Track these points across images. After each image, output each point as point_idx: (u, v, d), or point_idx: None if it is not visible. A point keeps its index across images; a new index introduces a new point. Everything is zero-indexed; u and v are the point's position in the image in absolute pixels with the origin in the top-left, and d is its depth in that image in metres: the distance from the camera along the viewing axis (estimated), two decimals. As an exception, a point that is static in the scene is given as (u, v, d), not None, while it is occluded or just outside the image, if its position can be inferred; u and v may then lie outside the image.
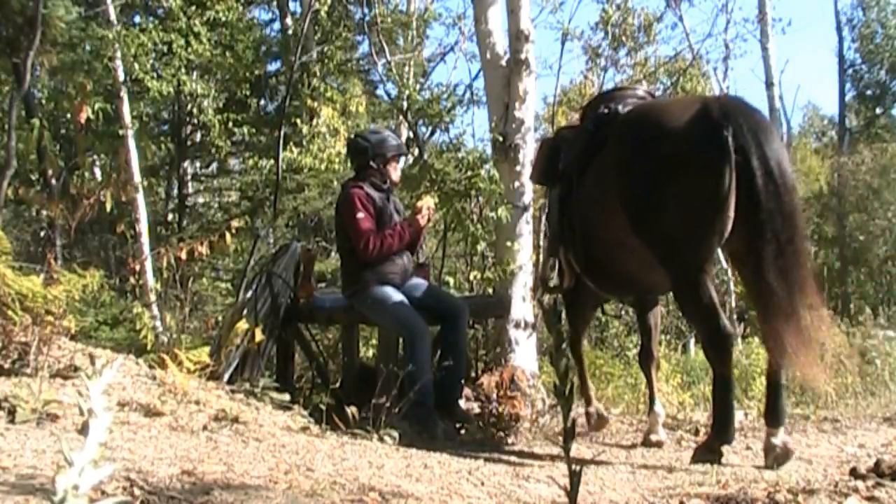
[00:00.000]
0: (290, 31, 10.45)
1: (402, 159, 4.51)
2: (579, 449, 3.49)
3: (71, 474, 0.91)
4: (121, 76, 7.65)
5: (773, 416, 2.92)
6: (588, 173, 3.37)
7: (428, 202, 4.14)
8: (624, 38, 7.83)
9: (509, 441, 3.77)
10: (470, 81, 9.50)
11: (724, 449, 3.00)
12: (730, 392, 3.00)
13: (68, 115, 8.62)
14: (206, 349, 3.78)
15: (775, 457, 2.88)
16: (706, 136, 2.84)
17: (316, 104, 5.91)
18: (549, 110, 9.78)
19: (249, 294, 4.35)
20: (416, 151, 5.47)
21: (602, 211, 3.25)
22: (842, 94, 18.05)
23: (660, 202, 2.92)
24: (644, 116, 3.24)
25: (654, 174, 2.95)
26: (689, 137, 2.89)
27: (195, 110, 8.77)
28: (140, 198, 7.60)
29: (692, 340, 8.71)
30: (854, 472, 2.56)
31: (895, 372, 5.33)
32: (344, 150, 5.82)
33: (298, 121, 6.26)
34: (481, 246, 4.73)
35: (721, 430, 2.97)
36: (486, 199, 4.58)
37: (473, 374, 4.68)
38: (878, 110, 18.68)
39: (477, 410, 4.15)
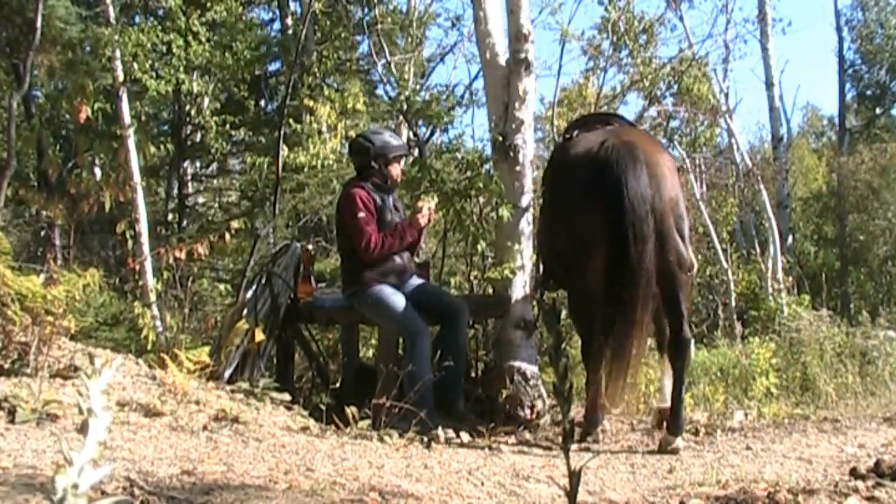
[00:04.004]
0: (290, 31, 10.44)
1: (403, 159, 4.52)
2: (579, 449, 3.49)
3: (70, 474, 0.91)
4: (120, 76, 7.64)
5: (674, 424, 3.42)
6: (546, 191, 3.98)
7: (428, 202, 4.14)
8: (626, 40, 7.81)
9: (509, 441, 3.76)
10: (470, 82, 9.51)
11: (725, 448, 3.03)
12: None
13: (68, 115, 8.60)
14: (206, 349, 3.79)
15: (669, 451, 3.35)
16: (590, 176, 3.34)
17: (313, 103, 5.89)
18: (548, 111, 9.76)
19: (249, 294, 4.35)
20: (416, 152, 5.47)
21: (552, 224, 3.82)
22: (841, 94, 18.00)
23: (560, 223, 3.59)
24: (563, 148, 3.84)
25: (559, 200, 3.67)
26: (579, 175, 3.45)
27: (194, 111, 8.76)
28: (140, 198, 7.58)
29: (692, 342, 8.69)
30: (854, 472, 2.57)
31: (895, 372, 5.33)
32: (341, 148, 5.81)
33: (292, 120, 6.24)
34: (481, 246, 4.72)
35: (589, 421, 3.69)
36: (486, 199, 4.57)
37: (473, 374, 4.68)
38: (877, 110, 18.64)
39: (477, 410, 4.15)
